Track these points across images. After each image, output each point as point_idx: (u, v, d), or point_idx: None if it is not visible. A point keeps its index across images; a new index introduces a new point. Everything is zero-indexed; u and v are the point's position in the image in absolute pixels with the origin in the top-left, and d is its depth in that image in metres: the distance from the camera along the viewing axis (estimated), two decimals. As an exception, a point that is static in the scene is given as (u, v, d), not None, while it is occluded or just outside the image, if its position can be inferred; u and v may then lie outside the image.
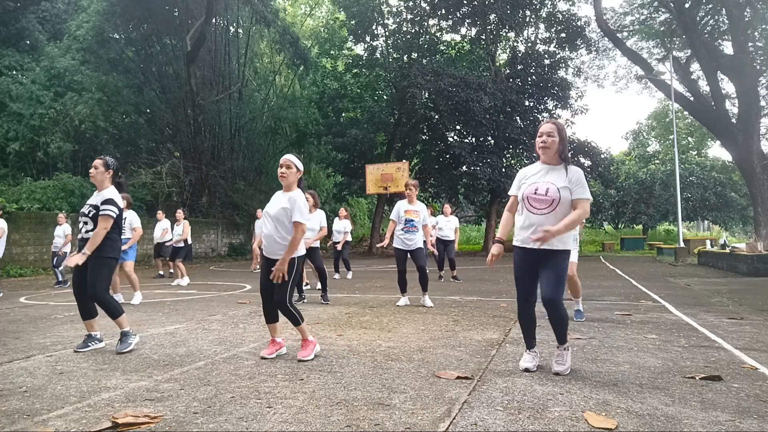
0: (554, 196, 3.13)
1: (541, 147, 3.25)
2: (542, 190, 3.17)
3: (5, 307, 6.90)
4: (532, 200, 3.18)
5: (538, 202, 3.16)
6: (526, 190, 3.23)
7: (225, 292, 8.52)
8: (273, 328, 3.79)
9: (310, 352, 3.63)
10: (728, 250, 12.96)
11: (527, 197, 3.21)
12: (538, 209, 3.16)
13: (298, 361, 3.54)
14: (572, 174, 3.20)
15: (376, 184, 22.02)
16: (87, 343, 4.05)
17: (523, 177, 3.33)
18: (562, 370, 3.18)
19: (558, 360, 3.23)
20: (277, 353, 3.74)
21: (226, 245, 22.27)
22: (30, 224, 14.53)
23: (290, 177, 3.72)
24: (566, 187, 3.15)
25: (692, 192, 32.37)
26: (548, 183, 3.18)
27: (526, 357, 3.33)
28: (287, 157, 3.77)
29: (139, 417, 2.42)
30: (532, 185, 3.22)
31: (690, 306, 6.26)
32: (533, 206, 3.18)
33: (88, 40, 19.58)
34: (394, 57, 26.38)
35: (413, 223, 6.36)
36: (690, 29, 22.05)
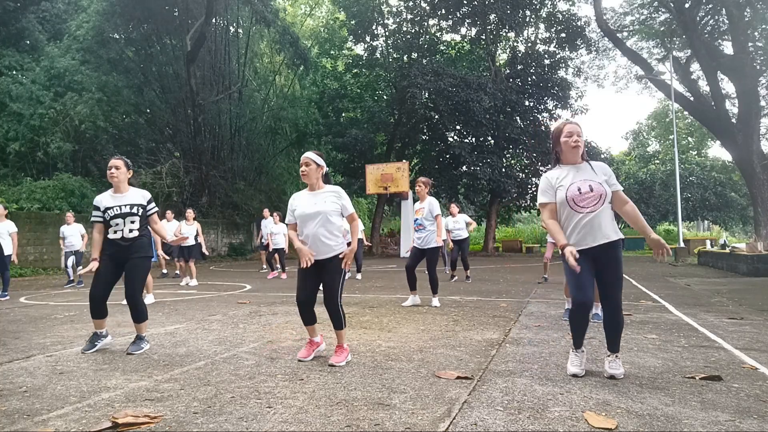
0: (601, 191, 3.09)
1: (574, 146, 3.17)
2: (586, 188, 3.10)
3: (5, 307, 6.90)
4: (579, 200, 3.10)
5: (587, 201, 3.09)
6: (568, 193, 3.13)
7: (225, 292, 8.52)
8: (312, 329, 3.69)
9: (342, 359, 3.50)
10: (728, 250, 12.96)
11: (572, 199, 3.11)
12: (587, 207, 3.09)
13: (330, 365, 3.43)
14: (602, 168, 3.19)
15: (376, 184, 22.02)
16: (93, 342, 4.03)
17: (552, 182, 3.22)
18: (617, 374, 3.09)
19: (612, 366, 3.13)
20: (315, 353, 3.68)
21: (226, 245, 22.28)
22: (30, 224, 14.53)
23: (312, 174, 3.61)
24: (605, 181, 3.15)
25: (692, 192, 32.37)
26: (587, 181, 3.13)
27: (575, 360, 3.23)
28: (306, 155, 3.66)
29: (139, 417, 2.42)
30: (572, 186, 3.13)
31: (690, 306, 6.26)
32: (581, 206, 3.10)
33: (88, 40, 19.60)
34: (394, 57, 26.40)
35: (419, 221, 6.34)
36: (690, 29, 22.06)
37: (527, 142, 24.15)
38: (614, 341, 3.16)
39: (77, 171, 19.02)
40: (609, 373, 3.11)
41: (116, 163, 4.13)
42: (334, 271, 3.55)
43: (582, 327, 3.23)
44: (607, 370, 3.13)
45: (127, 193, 4.13)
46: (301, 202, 3.65)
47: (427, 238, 6.31)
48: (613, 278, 3.11)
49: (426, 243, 6.32)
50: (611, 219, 3.15)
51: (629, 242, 29.70)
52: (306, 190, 3.73)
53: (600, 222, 3.09)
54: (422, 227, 6.31)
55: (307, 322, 3.68)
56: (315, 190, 3.66)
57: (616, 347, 3.17)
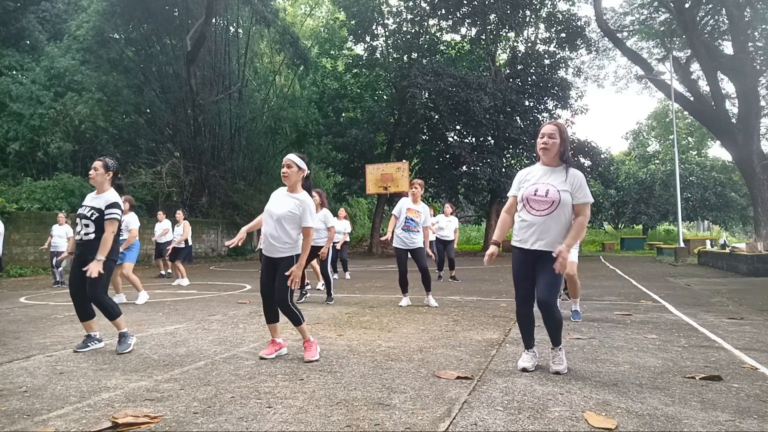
0: (554, 198, 3.13)
1: (541, 148, 3.24)
2: (542, 192, 3.16)
3: (5, 307, 6.90)
4: (532, 201, 3.18)
5: (538, 204, 3.16)
6: (526, 192, 3.22)
7: (225, 292, 8.52)
8: (273, 328, 3.77)
9: (315, 353, 3.60)
10: (728, 250, 12.96)
11: (527, 198, 3.21)
12: (538, 210, 3.16)
13: (305, 362, 3.51)
14: (573, 177, 3.20)
15: (376, 184, 22.01)
16: (87, 343, 4.05)
17: (523, 178, 3.33)
18: (562, 369, 3.19)
19: (555, 360, 3.24)
20: (277, 353, 3.73)
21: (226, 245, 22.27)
22: (30, 224, 14.53)
23: (292, 177, 3.67)
24: (566, 190, 3.16)
25: (692, 192, 32.37)
26: (548, 184, 3.18)
27: (525, 357, 3.33)
28: (288, 157, 3.73)
29: (139, 417, 2.42)
30: (531, 186, 3.22)
31: (690, 306, 6.26)
32: (533, 207, 3.18)
33: (88, 40, 19.58)
34: (394, 57, 26.39)
35: (413, 223, 6.33)
36: (690, 29, 22.05)
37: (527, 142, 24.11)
38: (553, 337, 3.25)
39: (77, 171, 19.01)
40: (552, 369, 3.21)
41: (95, 165, 4.14)
42: (284, 273, 3.58)
43: (526, 325, 3.34)
44: (551, 366, 3.24)
45: (102, 195, 4.09)
46: (273, 199, 3.75)
47: (416, 239, 6.35)
48: (546, 283, 3.15)
49: (415, 244, 6.35)
50: (561, 228, 3.15)
51: (629, 242, 29.73)
52: (286, 189, 3.77)
53: (546, 228, 3.13)
54: (415, 229, 6.32)
55: (268, 320, 3.76)
56: (291, 192, 3.72)
57: (556, 342, 3.25)
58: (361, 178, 23.61)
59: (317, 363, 3.52)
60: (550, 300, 3.14)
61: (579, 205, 3.17)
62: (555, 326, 3.21)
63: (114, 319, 4.00)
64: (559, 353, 3.25)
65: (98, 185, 4.12)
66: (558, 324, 3.21)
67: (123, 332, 4.02)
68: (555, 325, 3.21)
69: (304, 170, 3.74)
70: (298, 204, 3.63)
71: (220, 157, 24.18)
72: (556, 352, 3.25)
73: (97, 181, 4.10)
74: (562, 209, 3.13)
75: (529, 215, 3.19)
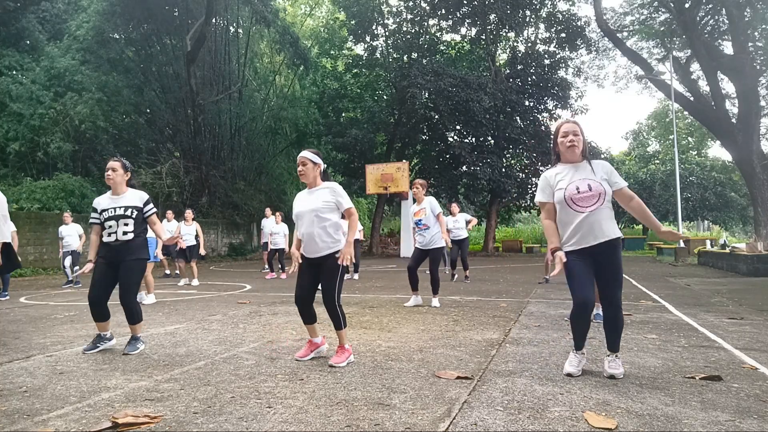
0: (599, 190, 3.09)
1: (569, 146, 3.17)
2: (584, 187, 3.10)
3: (5, 307, 6.90)
4: (577, 200, 3.10)
5: (585, 200, 3.09)
6: (567, 193, 3.13)
7: (225, 292, 8.52)
8: (312, 328, 3.68)
9: (343, 360, 3.47)
10: (728, 250, 12.95)
11: (570, 198, 3.11)
12: (587, 207, 3.08)
13: (330, 366, 3.42)
14: (602, 167, 3.19)
15: (376, 184, 22.02)
16: (96, 344, 4.03)
17: (551, 181, 3.23)
18: (617, 374, 3.08)
19: (612, 366, 3.13)
20: (314, 353, 3.66)
21: (226, 245, 22.27)
22: (30, 224, 14.53)
23: (309, 173, 3.60)
24: (604, 179, 3.14)
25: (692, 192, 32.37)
26: (586, 180, 3.12)
27: (573, 360, 3.22)
28: (302, 154, 3.65)
29: (139, 417, 2.42)
30: (570, 185, 3.13)
31: (690, 306, 6.26)
32: (579, 205, 3.10)
33: (88, 40, 19.59)
34: (394, 57, 26.39)
35: (422, 222, 6.32)
36: (690, 29, 22.06)
37: (527, 142, 24.14)
38: (614, 341, 3.16)
39: (77, 171, 19.01)
40: (608, 372, 3.11)
41: (113, 165, 4.12)
42: (331, 271, 3.51)
43: (583, 327, 3.21)
44: (607, 369, 3.13)
45: (125, 195, 4.11)
46: (299, 201, 3.67)
47: (433, 239, 6.30)
48: (613, 277, 3.11)
49: (430, 243, 6.31)
50: (611, 218, 3.15)
51: (629, 242, 29.70)
52: (306, 189, 3.72)
53: (599, 221, 3.08)
54: (427, 227, 6.30)
55: (306, 321, 3.66)
56: (313, 188, 3.65)
57: (616, 347, 3.16)
58: (361, 178, 23.63)
59: (317, 363, 3.52)
60: (620, 297, 3.10)
61: (622, 189, 3.16)
62: (620, 330, 3.15)
63: (136, 323, 4.01)
64: (617, 359, 3.15)
65: (116, 186, 4.11)
66: (621, 324, 3.15)
67: (137, 336, 4.04)
68: (621, 328, 3.15)
69: (320, 165, 3.66)
70: (329, 192, 3.57)
71: (220, 157, 24.18)
72: (614, 357, 3.15)
73: (116, 181, 4.10)
74: (607, 200, 3.12)
75: (579, 215, 3.09)
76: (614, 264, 3.11)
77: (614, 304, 3.11)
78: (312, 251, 3.54)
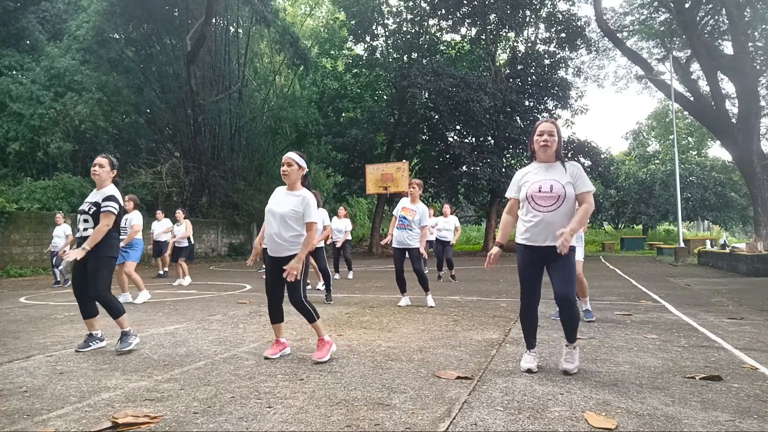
0: (560, 192, 3.14)
1: (542, 146, 3.24)
2: (546, 188, 3.16)
3: (5, 307, 6.90)
4: (538, 198, 3.17)
5: (544, 200, 3.16)
6: (529, 190, 3.21)
7: (225, 292, 8.52)
8: (278, 328, 3.77)
9: (326, 353, 3.56)
10: (728, 250, 12.96)
11: (532, 196, 3.20)
12: (545, 206, 3.15)
13: (314, 363, 3.49)
14: (572, 169, 3.23)
15: (376, 184, 22.01)
16: (88, 342, 4.05)
17: (521, 178, 3.32)
18: (571, 368, 3.17)
19: (567, 358, 3.21)
20: (281, 353, 3.73)
21: (226, 245, 22.27)
22: (30, 224, 14.53)
23: (292, 175, 3.68)
24: (569, 183, 3.17)
25: (692, 192, 32.38)
26: (551, 180, 3.18)
27: (528, 357, 3.32)
28: (288, 155, 3.73)
29: (139, 417, 2.42)
30: (534, 184, 3.21)
31: (690, 306, 6.26)
32: (539, 204, 3.17)
33: (88, 40, 19.58)
34: (394, 57, 26.39)
35: (407, 221, 6.31)
36: (690, 29, 22.05)
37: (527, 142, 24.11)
38: (570, 333, 3.23)
39: (77, 171, 19.01)
40: (563, 366, 3.19)
41: (100, 161, 4.15)
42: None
43: (529, 325, 3.32)
44: (562, 363, 3.21)
45: (100, 191, 4.12)
46: (274, 198, 3.74)
47: (410, 236, 6.31)
48: (563, 277, 3.15)
49: (407, 243, 6.31)
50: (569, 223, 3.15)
51: (629, 242, 29.73)
52: (285, 187, 3.78)
53: (554, 223, 3.13)
54: (409, 227, 6.30)
55: (272, 320, 3.75)
56: (292, 190, 3.72)
57: (572, 338, 3.23)
58: (361, 178, 23.61)
59: (317, 363, 3.52)
60: (570, 294, 3.13)
61: (582, 194, 3.19)
62: (574, 322, 3.21)
63: (117, 317, 4.01)
64: (573, 351, 3.23)
65: (100, 182, 4.14)
66: (576, 320, 3.21)
67: (125, 331, 4.02)
68: (574, 321, 3.20)
69: (304, 168, 3.75)
70: (300, 200, 3.63)
71: (220, 157, 24.18)
72: (570, 349, 3.23)
73: (101, 177, 4.12)
74: (567, 203, 3.15)
75: (537, 213, 3.17)
76: (565, 266, 3.14)
77: (564, 301, 3.15)
78: (275, 251, 3.65)
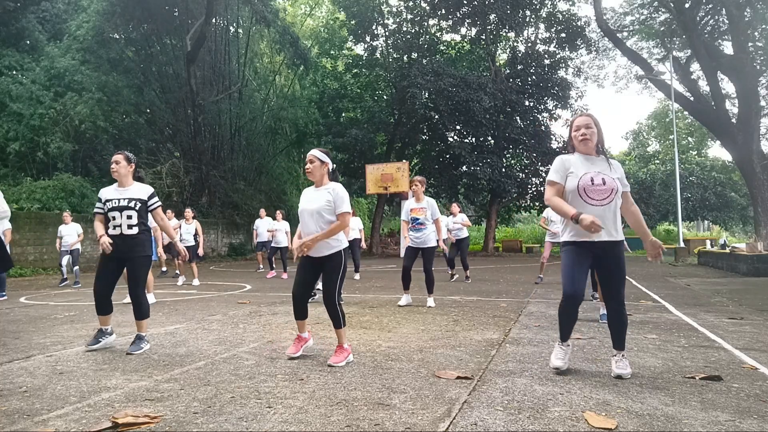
0: (613, 186, 3.06)
1: (582, 140, 3.14)
2: (599, 181, 3.06)
3: (5, 307, 6.90)
4: (591, 191, 3.06)
5: (598, 193, 3.05)
6: (581, 182, 3.07)
7: (225, 292, 8.52)
8: (302, 324, 3.72)
9: (341, 360, 3.47)
10: (728, 250, 12.95)
11: (584, 188, 3.06)
12: (598, 200, 3.05)
13: (329, 365, 3.42)
14: (617, 166, 3.20)
15: (376, 184, 22.02)
16: (98, 338, 4.06)
17: (567, 166, 3.17)
18: (625, 374, 3.05)
19: (619, 366, 3.10)
20: (303, 348, 3.72)
21: (226, 245, 22.27)
22: (30, 224, 14.53)
23: (316, 171, 3.65)
24: (618, 178, 3.13)
25: (692, 192, 32.36)
26: (601, 174, 3.09)
27: (559, 352, 3.22)
28: (311, 152, 3.70)
29: (139, 417, 2.42)
30: (585, 176, 3.08)
31: (690, 306, 6.26)
32: (592, 197, 3.06)
33: (88, 40, 19.57)
34: (394, 57, 26.39)
35: (419, 221, 6.33)
36: (690, 29, 22.06)
37: (527, 142, 24.14)
38: (619, 338, 3.14)
39: (77, 171, 19.01)
40: (616, 372, 3.08)
41: (117, 158, 4.18)
42: (332, 270, 3.56)
43: (570, 320, 3.22)
44: (614, 369, 3.11)
45: (130, 188, 4.15)
46: (305, 198, 3.72)
47: (427, 237, 6.33)
48: (616, 275, 3.10)
49: (424, 242, 6.33)
50: (617, 218, 3.13)
51: (629, 242, 29.67)
52: (313, 186, 3.76)
53: (607, 217, 3.06)
54: (423, 226, 6.32)
55: (298, 317, 3.72)
56: (319, 186, 3.70)
57: (621, 344, 3.14)
58: (361, 178, 23.63)
59: (317, 363, 3.52)
60: (620, 294, 3.07)
61: (627, 193, 3.17)
62: (623, 325, 3.12)
63: (142, 319, 4.04)
64: (623, 359, 3.12)
65: (122, 178, 4.15)
66: (626, 323, 3.12)
67: (141, 335, 4.05)
68: (623, 324, 3.12)
69: (327, 164, 3.70)
70: (332, 193, 3.60)
71: (220, 157, 24.18)
72: (621, 356, 3.13)
73: (120, 173, 4.13)
74: (617, 198, 3.09)
75: (589, 207, 3.04)
76: (617, 262, 3.09)
77: (617, 301, 3.10)
78: (315, 250, 3.58)
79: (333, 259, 3.57)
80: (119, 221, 4.00)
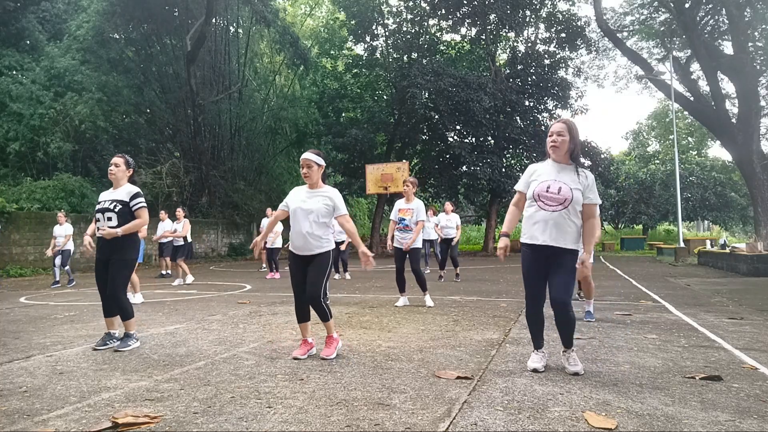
0: (567, 195, 3.13)
1: (551, 146, 3.24)
2: (554, 189, 3.16)
3: (5, 307, 6.90)
4: (544, 198, 3.17)
5: (550, 200, 3.15)
6: (538, 188, 3.21)
7: (225, 292, 8.52)
8: (304, 327, 3.79)
9: (333, 351, 3.66)
10: (728, 250, 12.95)
11: (539, 194, 3.19)
12: (550, 206, 3.15)
13: (321, 359, 3.57)
14: (585, 178, 3.23)
15: (376, 184, 22.01)
16: (105, 341, 4.10)
17: (533, 174, 3.31)
18: (579, 370, 3.17)
19: (571, 362, 3.21)
20: (308, 353, 3.74)
21: (226, 245, 22.27)
22: (30, 224, 14.53)
23: (314, 175, 3.74)
24: (578, 189, 3.16)
25: (692, 192, 32.38)
26: (560, 182, 3.17)
27: (535, 357, 3.32)
28: (306, 157, 3.75)
29: (139, 417, 2.42)
30: (543, 183, 3.20)
31: (690, 306, 6.26)
32: (545, 203, 3.17)
33: (88, 40, 19.56)
34: (394, 57, 26.38)
35: (405, 222, 6.32)
36: (690, 29, 22.05)
37: (527, 142, 24.12)
38: (566, 338, 3.24)
39: (77, 171, 19.00)
40: (570, 371, 3.18)
41: (116, 161, 4.25)
42: (319, 268, 3.65)
43: (536, 322, 3.32)
44: (567, 368, 3.21)
45: (119, 190, 4.20)
46: (297, 197, 3.77)
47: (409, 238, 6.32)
48: (557, 280, 3.15)
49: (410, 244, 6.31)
50: (571, 229, 3.15)
51: (629, 242, 29.72)
52: (306, 186, 3.83)
53: (557, 224, 3.13)
54: (409, 228, 6.31)
55: (300, 320, 3.78)
56: (314, 188, 3.78)
57: (569, 343, 3.24)
58: (361, 178, 23.61)
59: (317, 363, 3.52)
60: (566, 299, 3.13)
61: (589, 205, 3.20)
62: (569, 327, 3.20)
63: (127, 319, 4.08)
64: (572, 354, 3.24)
65: (117, 181, 4.23)
66: (572, 324, 3.20)
67: (130, 333, 4.10)
68: (570, 326, 3.19)
69: (323, 166, 3.82)
70: (329, 197, 3.73)
71: (220, 157, 24.18)
72: (569, 353, 3.24)
73: (117, 177, 4.21)
74: (573, 207, 3.14)
75: (541, 211, 3.17)
76: (565, 270, 3.14)
77: (559, 304, 3.15)
78: (304, 249, 3.69)
79: (321, 257, 3.68)
80: (102, 223, 4.08)
